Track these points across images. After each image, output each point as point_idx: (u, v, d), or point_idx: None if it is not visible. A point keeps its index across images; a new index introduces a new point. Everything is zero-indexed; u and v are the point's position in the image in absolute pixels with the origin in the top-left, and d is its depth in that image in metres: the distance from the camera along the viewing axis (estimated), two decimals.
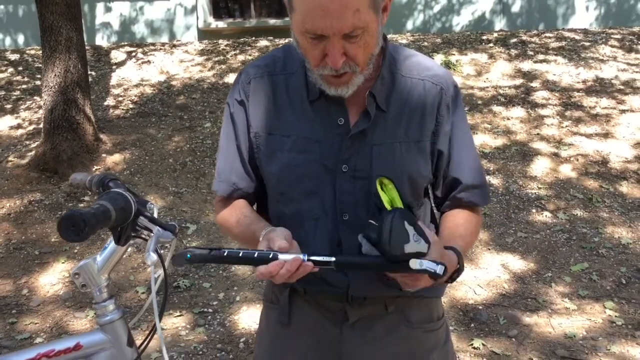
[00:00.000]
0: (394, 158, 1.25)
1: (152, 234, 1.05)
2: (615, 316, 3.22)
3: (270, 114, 1.28)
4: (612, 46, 7.37)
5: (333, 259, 1.10)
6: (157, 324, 1.04)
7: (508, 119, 5.69)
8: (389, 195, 1.16)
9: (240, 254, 1.07)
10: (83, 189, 1.18)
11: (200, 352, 3.07)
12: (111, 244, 1.08)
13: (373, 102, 1.23)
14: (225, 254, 1.07)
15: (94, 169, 5.02)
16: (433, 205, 1.41)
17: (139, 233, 1.08)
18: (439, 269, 1.07)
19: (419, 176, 1.28)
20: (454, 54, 7.16)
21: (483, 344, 3.00)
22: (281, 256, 1.06)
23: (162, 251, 1.08)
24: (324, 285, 1.30)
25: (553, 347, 2.99)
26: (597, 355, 2.91)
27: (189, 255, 1.04)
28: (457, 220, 1.34)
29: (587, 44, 7.47)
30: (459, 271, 1.21)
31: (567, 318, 3.23)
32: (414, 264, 1.07)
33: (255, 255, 1.06)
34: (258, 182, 1.36)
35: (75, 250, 4.09)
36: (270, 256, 1.06)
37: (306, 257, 1.08)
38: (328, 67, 1.14)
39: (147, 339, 1.13)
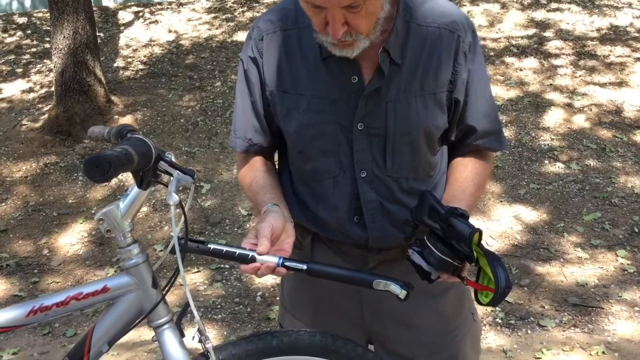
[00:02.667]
0: (410, 113, 1.24)
1: (172, 178, 1.08)
2: (628, 264, 3.25)
3: (284, 72, 1.28)
4: None
5: (305, 267, 1.15)
6: (180, 265, 1.08)
7: (521, 69, 5.62)
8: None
9: (223, 251, 1.15)
10: (101, 141, 1.21)
11: (219, 306, 3.16)
12: (133, 190, 1.11)
13: (387, 58, 1.21)
14: (211, 249, 1.16)
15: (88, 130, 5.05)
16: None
17: (159, 178, 1.12)
18: (401, 294, 1.13)
19: (435, 128, 1.28)
20: (465, 5, 7.03)
21: None
22: (259, 258, 1.13)
23: (182, 196, 1.11)
24: (343, 237, 1.34)
25: (565, 295, 3.03)
26: (609, 302, 2.95)
27: (181, 239, 1.13)
28: (468, 173, 1.34)
29: None
30: None
31: (579, 267, 3.26)
32: (378, 285, 1.14)
33: (236, 254, 1.14)
34: (274, 137, 1.37)
35: (93, 211, 4.16)
36: (249, 257, 1.13)
37: (280, 262, 1.13)
38: (330, 36, 1.13)
39: (171, 281, 1.18)
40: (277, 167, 1.46)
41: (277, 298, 3.20)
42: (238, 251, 1.14)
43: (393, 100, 1.23)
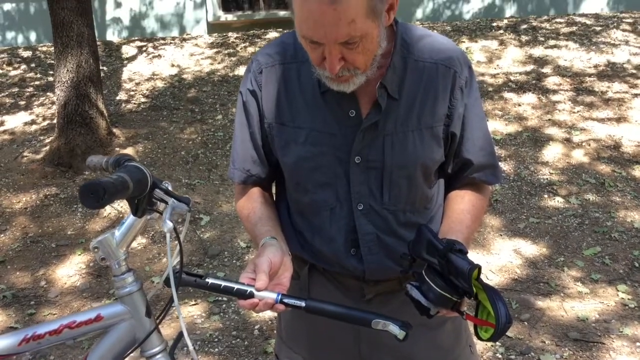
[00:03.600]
0: (407, 147, 1.25)
1: (167, 205, 1.09)
2: (628, 299, 3.22)
3: (283, 104, 1.29)
4: (623, 30, 7.31)
5: (303, 304, 1.15)
6: (174, 295, 1.08)
7: (519, 105, 5.68)
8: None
9: (221, 286, 1.15)
10: (100, 170, 1.22)
11: (216, 340, 3.12)
12: (129, 218, 1.12)
13: (384, 93, 1.22)
14: (208, 283, 1.15)
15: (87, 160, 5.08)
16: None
17: (155, 206, 1.12)
18: (400, 335, 1.12)
19: (432, 162, 1.29)
20: (464, 42, 7.14)
21: None
22: (257, 294, 1.13)
23: (178, 226, 1.12)
24: (340, 268, 1.34)
25: (565, 330, 3.00)
26: (610, 338, 2.92)
27: (175, 279, 1.13)
28: (464, 205, 1.35)
29: (599, 28, 7.41)
30: None
31: (580, 302, 3.23)
32: (377, 324, 1.13)
33: (234, 289, 1.14)
34: (272, 168, 1.39)
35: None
36: (247, 292, 1.13)
37: (279, 298, 1.13)
38: (327, 72, 1.14)
39: (165, 310, 1.17)
40: (274, 198, 1.46)
41: (275, 331, 3.16)
42: (236, 286, 1.13)
43: (390, 133, 1.24)
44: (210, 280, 1.15)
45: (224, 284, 1.15)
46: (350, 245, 1.31)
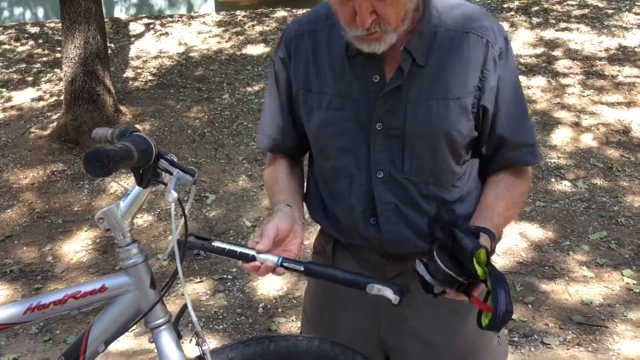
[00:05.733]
0: (430, 116, 1.21)
1: (172, 176, 1.08)
2: (633, 284, 3.21)
3: (311, 71, 1.29)
4: (636, 13, 7.20)
5: (302, 268, 1.16)
6: (179, 267, 1.08)
7: (529, 88, 5.62)
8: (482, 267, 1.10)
9: (226, 249, 1.18)
10: (105, 142, 1.22)
11: (221, 317, 3.14)
12: (134, 189, 1.12)
13: (408, 58, 1.19)
14: (215, 247, 1.18)
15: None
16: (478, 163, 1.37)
17: (160, 178, 1.12)
18: (394, 299, 1.11)
19: (458, 135, 1.23)
20: None
21: None
22: (258, 256, 1.15)
23: (183, 197, 1.11)
24: (360, 239, 1.32)
25: (569, 313, 3.00)
26: (614, 322, 2.92)
27: (187, 243, 1.17)
28: (499, 190, 1.29)
29: (611, 11, 7.30)
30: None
31: (585, 285, 3.23)
32: (371, 289, 1.13)
33: (237, 252, 1.17)
34: (299, 138, 1.38)
35: None
36: (250, 256, 1.15)
37: (279, 262, 1.15)
38: (358, 28, 1.12)
39: (170, 281, 1.18)
40: (309, 168, 1.45)
41: (279, 310, 3.18)
42: (239, 250, 1.16)
43: (413, 101, 1.21)
44: (215, 244, 1.18)
45: (228, 247, 1.17)
46: (369, 214, 1.28)
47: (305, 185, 1.45)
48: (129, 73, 6.42)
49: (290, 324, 3.03)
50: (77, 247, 3.90)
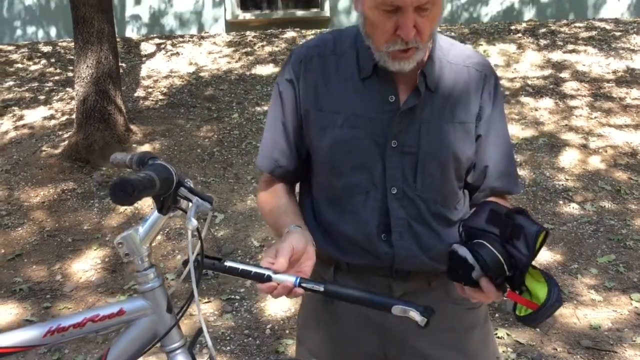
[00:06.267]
0: (441, 136, 1.29)
1: (191, 204, 1.11)
2: None
3: (321, 92, 1.32)
4: None
5: (322, 288, 1.11)
6: (195, 291, 1.10)
7: (536, 109, 5.65)
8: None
9: (239, 269, 1.14)
10: (123, 167, 1.25)
11: (228, 338, 3.15)
12: (152, 215, 1.14)
13: (424, 81, 1.27)
14: (227, 267, 1.15)
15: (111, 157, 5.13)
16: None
17: (178, 204, 1.15)
18: (421, 321, 1.06)
19: (464, 156, 1.31)
20: (482, 45, 7.11)
21: (507, 334, 3.02)
22: (274, 277, 1.11)
23: (200, 222, 1.14)
24: (369, 257, 1.33)
25: (578, 337, 2.99)
26: (622, 347, 2.90)
27: (196, 263, 1.14)
28: None
29: (618, 33, 7.34)
30: None
31: (593, 309, 3.22)
32: (397, 310, 1.07)
33: (252, 273, 1.13)
34: (300, 160, 1.40)
35: (107, 238, 4.20)
36: (265, 276, 1.11)
37: (298, 282, 1.11)
38: (398, 42, 1.18)
39: (186, 305, 1.20)
40: (299, 196, 1.47)
41: (287, 331, 3.19)
42: (254, 270, 1.13)
43: (427, 121, 1.28)
44: (228, 264, 1.15)
45: (242, 267, 1.14)
46: (382, 229, 1.31)
47: None
48: (140, 92, 6.50)
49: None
50: (86, 266, 3.93)
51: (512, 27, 7.84)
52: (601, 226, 4.03)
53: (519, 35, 7.47)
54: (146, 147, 5.29)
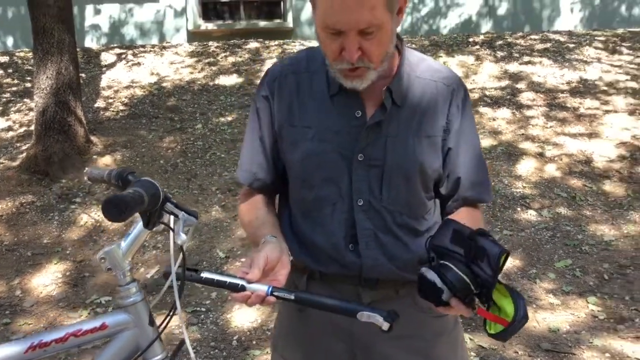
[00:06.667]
0: (407, 149, 1.33)
1: (179, 219, 1.13)
2: (598, 311, 3.32)
3: (294, 108, 1.38)
4: (596, 48, 7.51)
5: (292, 296, 1.17)
6: (177, 304, 1.12)
7: (494, 119, 5.79)
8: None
9: (215, 280, 1.19)
10: (100, 182, 1.26)
11: (194, 350, 3.13)
12: (135, 230, 1.16)
13: (390, 97, 1.32)
14: (202, 278, 1.20)
15: (85, 171, 5.06)
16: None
17: (162, 218, 1.17)
18: (384, 326, 1.12)
19: (430, 168, 1.36)
20: (441, 56, 7.26)
21: (470, 339, 3.09)
22: (248, 286, 1.16)
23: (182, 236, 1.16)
24: (338, 266, 1.38)
25: (538, 340, 3.07)
26: (580, 349, 3.00)
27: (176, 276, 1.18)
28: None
29: (572, 45, 7.60)
30: None
31: (552, 313, 3.32)
32: (362, 316, 1.14)
33: (227, 283, 1.18)
34: (277, 173, 1.46)
35: (68, 252, 4.13)
36: (239, 286, 1.16)
37: (270, 291, 1.16)
38: (345, 62, 1.23)
39: (167, 319, 1.21)
40: (278, 207, 1.52)
41: (254, 342, 3.19)
42: (229, 280, 1.17)
43: (393, 135, 1.33)
44: (204, 275, 1.19)
45: (217, 277, 1.19)
46: (349, 240, 1.36)
47: None
48: (100, 103, 6.42)
49: (265, 357, 3.04)
50: (46, 280, 3.86)
51: (470, 40, 8.03)
52: (558, 232, 4.16)
53: (477, 47, 7.66)
54: (107, 159, 5.23)
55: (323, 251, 1.38)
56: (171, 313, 1.20)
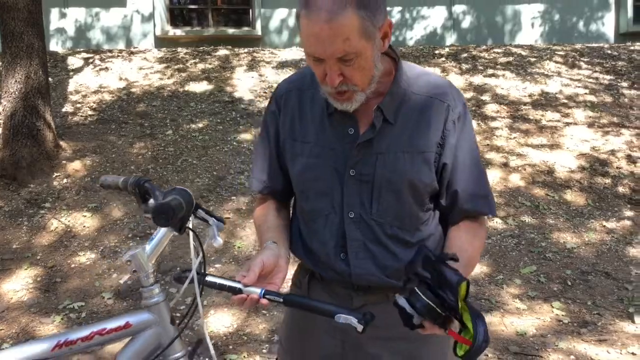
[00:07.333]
0: (396, 166, 1.39)
1: (211, 224, 1.22)
2: (562, 315, 3.46)
3: (296, 124, 1.47)
4: (556, 62, 7.78)
5: (281, 299, 1.27)
6: (199, 300, 1.17)
7: None
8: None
9: (217, 283, 1.29)
10: (115, 189, 1.31)
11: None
12: (158, 234, 1.20)
13: (380, 115, 1.38)
14: (207, 281, 1.29)
15: (54, 176, 5.00)
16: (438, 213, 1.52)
17: (188, 224, 1.22)
18: (358, 327, 1.22)
19: (420, 183, 1.41)
20: None
21: None
22: (245, 289, 1.26)
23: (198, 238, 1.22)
24: (332, 272, 1.47)
25: (506, 343, 3.19)
26: (547, 351, 3.13)
27: (180, 276, 1.27)
28: (462, 242, 1.43)
29: (533, 59, 7.86)
30: None
31: (518, 317, 3.45)
32: (339, 318, 1.23)
33: (227, 286, 1.27)
34: (286, 182, 1.55)
35: (39, 257, 4.08)
36: (237, 289, 1.26)
37: (262, 294, 1.26)
38: (329, 86, 1.30)
39: (188, 317, 1.27)
40: (292, 211, 1.61)
41: (230, 347, 3.22)
42: (228, 283, 1.26)
43: (383, 152, 1.39)
44: (209, 279, 1.28)
45: (219, 281, 1.28)
46: (340, 250, 1.44)
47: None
48: (68, 108, 6.34)
49: None
50: (16, 286, 3.80)
51: (436, 52, 8.23)
52: (523, 239, 4.31)
53: (443, 59, 7.86)
54: (77, 164, 5.18)
55: (319, 258, 1.48)
56: (192, 312, 1.24)
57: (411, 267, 1.25)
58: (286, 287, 1.55)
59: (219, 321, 3.41)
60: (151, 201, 1.26)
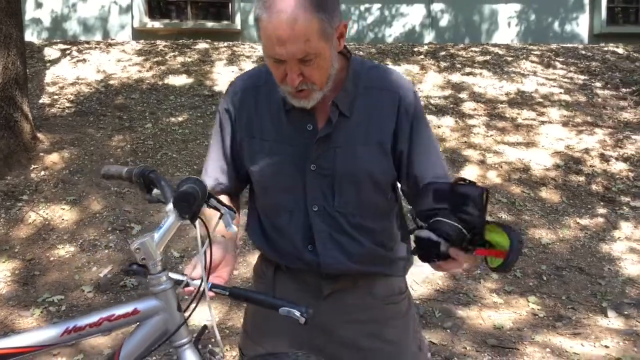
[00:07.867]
0: (355, 158, 1.45)
1: (224, 213, 1.25)
2: (538, 309, 3.55)
3: (253, 121, 1.50)
4: (532, 61, 7.92)
5: (227, 292, 1.32)
6: (205, 289, 1.20)
7: (439, 127, 6.03)
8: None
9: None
10: (118, 179, 1.32)
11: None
12: (166, 223, 1.22)
13: (336, 110, 1.43)
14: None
15: (31, 168, 4.94)
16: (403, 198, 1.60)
17: (200, 213, 1.25)
18: (300, 319, 1.27)
19: (380, 173, 1.48)
20: (388, 64, 7.47)
21: None
22: (192, 282, 1.31)
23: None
24: (300, 263, 1.52)
25: (484, 337, 3.27)
26: (523, 344, 3.21)
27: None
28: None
29: (510, 58, 7.98)
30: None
31: (496, 311, 3.53)
32: (283, 311, 1.28)
33: (175, 280, 1.32)
34: (239, 179, 1.59)
35: (16, 250, 4.04)
36: (184, 282, 1.31)
37: (209, 286, 1.31)
38: (288, 86, 1.34)
39: (195, 304, 1.29)
40: (249, 205, 1.63)
41: (213, 340, 3.23)
42: (176, 277, 1.31)
43: (341, 146, 1.45)
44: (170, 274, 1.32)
45: (172, 276, 1.31)
46: (307, 242, 1.49)
47: (246, 218, 1.65)
48: (45, 99, 6.26)
49: (225, 354, 3.10)
50: None
51: (415, 49, 8.30)
52: None
53: (422, 57, 7.93)
54: (54, 156, 5.13)
55: (285, 251, 1.53)
56: (198, 300, 1.27)
57: (422, 205, 1.27)
58: (240, 280, 1.59)
59: (201, 314, 3.41)
60: (155, 191, 1.28)
